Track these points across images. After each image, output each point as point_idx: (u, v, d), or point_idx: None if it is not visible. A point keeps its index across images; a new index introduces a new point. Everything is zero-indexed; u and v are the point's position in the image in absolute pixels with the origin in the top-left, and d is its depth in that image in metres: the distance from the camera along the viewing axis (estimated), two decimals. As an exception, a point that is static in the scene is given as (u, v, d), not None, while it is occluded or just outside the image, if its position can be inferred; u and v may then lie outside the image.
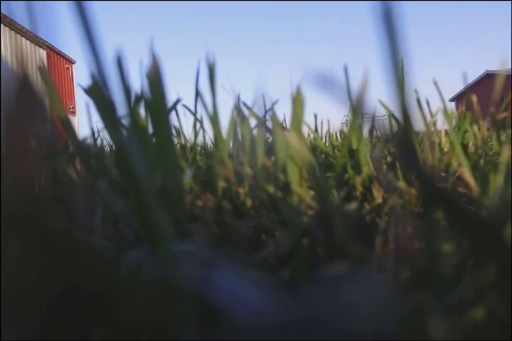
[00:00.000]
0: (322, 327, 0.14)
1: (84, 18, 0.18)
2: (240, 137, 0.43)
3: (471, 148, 0.59)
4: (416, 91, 0.62)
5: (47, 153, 0.25)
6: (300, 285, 0.20)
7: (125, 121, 0.33)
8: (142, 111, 0.35)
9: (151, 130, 0.32)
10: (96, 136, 0.62)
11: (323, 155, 0.61)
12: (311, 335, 0.12)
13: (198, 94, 0.51)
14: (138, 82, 0.38)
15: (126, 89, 0.29)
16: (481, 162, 0.52)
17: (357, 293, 0.17)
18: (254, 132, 0.44)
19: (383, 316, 0.17)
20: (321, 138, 0.78)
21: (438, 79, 0.67)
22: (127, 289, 0.11)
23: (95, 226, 0.33)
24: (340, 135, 0.79)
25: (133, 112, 0.31)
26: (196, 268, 0.10)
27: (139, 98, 0.35)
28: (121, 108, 0.28)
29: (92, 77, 0.41)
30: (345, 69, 0.51)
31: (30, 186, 0.12)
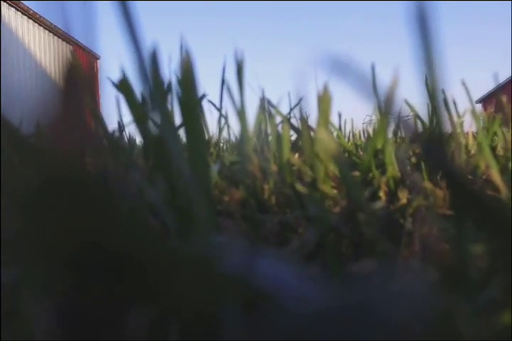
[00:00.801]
0: (356, 322, 0.14)
1: (128, 16, 0.19)
2: (265, 133, 0.43)
3: (500, 150, 0.57)
4: (443, 92, 0.61)
5: (87, 146, 0.26)
6: (330, 281, 0.20)
7: (156, 115, 0.34)
8: (171, 105, 0.35)
9: (180, 124, 0.32)
10: (122, 130, 0.63)
11: (347, 154, 0.61)
12: (344, 327, 0.12)
13: (223, 90, 0.52)
14: (166, 78, 0.39)
15: (160, 84, 0.30)
16: (510, 165, 0.51)
17: (385, 291, 0.17)
18: (279, 128, 0.44)
19: (413, 315, 0.17)
20: (345, 137, 0.78)
21: (465, 80, 0.66)
22: (171, 270, 0.11)
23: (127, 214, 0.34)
24: (364, 134, 0.78)
25: (164, 106, 0.32)
26: (237, 255, 0.11)
27: (169, 92, 0.36)
28: (153, 102, 0.29)
29: (122, 71, 0.42)
30: (372, 67, 0.51)
31: (80, 177, 0.13)
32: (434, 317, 0.18)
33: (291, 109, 0.54)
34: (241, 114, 0.39)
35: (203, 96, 0.52)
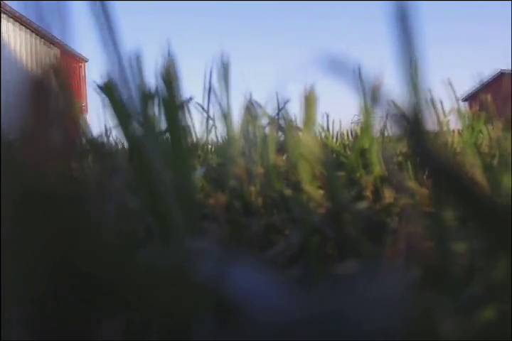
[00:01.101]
0: (335, 325, 0.14)
1: (106, 17, 0.19)
2: (251, 135, 0.43)
3: (485, 148, 0.58)
4: (429, 91, 0.62)
5: (63, 151, 0.25)
6: (312, 283, 0.20)
7: (139, 119, 0.33)
8: (156, 109, 0.35)
9: (164, 128, 0.32)
10: (108, 134, 0.63)
11: (334, 155, 0.61)
12: (324, 333, 0.12)
13: (209, 92, 0.52)
14: (151, 80, 0.39)
15: (143, 87, 0.30)
16: (495, 162, 0.52)
17: (369, 291, 0.17)
18: (266, 130, 0.44)
19: (395, 315, 0.17)
20: (332, 137, 0.78)
21: (450, 79, 0.66)
22: (142, 281, 0.11)
23: (108, 222, 0.34)
24: (351, 134, 0.79)
25: (147, 110, 0.31)
26: (212, 262, 0.11)
27: (153, 95, 0.36)
28: (136, 105, 0.29)
29: (108, 74, 0.41)
30: (359, 66, 0.51)
31: (52, 183, 0.13)
32: (416, 316, 0.18)
33: (278, 110, 0.54)
34: (227, 116, 0.39)
35: (190, 98, 0.51)
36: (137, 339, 0.11)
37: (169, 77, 0.29)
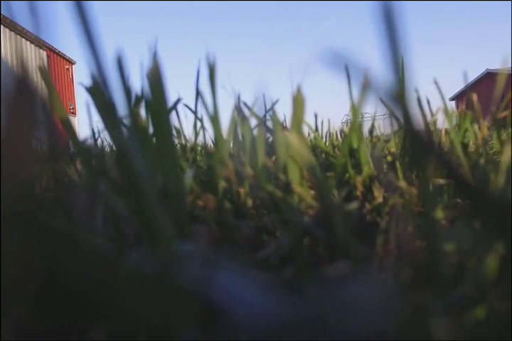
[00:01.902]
0: (324, 327, 0.14)
1: (84, 19, 0.18)
2: (240, 137, 0.43)
3: (472, 147, 0.59)
4: (416, 90, 0.62)
5: (47, 154, 0.25)
6: (302, 285, 0.20)
7: (126, 121, 0.33)
8: (143, 111, 0.35)
9: (151, 130, 0.32)
10: (96, 136, 0.62)
11: (324, 155, 0.61)
12: (313, 335, 0.12)
13: (198, 93, 0.52)
14: (138, 83, 0.38)
15: (127, 90, 0.29)
16: (482, 161, 0.52)
17: (358, 293, 0.17)
18: (255, 132, 0.44)
19: (385, 315, 0.17)
20: (322, 137, 0.78)
21: (438, 78, 0.67)
22: (128, 288, 0.11)
23: (96, 226, 0.33)
24: (341, 134, 0.79)
25: (133, 112, 0.31)
26: (198, 268, 0.10)
27: (139, 98, 0.35)
28: (121, 108, 0.28)
29: (93, 77, 0.41)
30: (346, 66, 0.51)
31: (30, 186, 0.12)
32: (407, 316, 0.18)
33: (266, 112, 0.54)
34: (214, 118, 0.39)
35: (178, 100, 0.51)
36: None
37: (155, 79, 0.29)
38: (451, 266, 0.23)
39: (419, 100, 0.64)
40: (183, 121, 0.59)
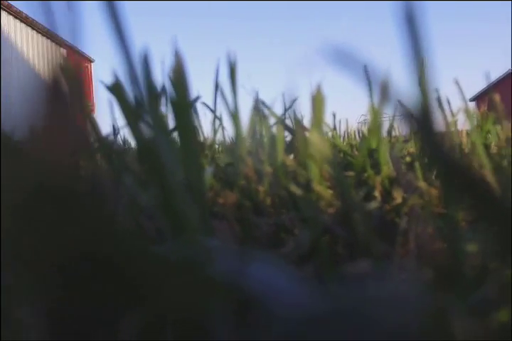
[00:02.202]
0: (347, 323, 0.14)
1: (115, 17, 0.19)
2: (259, 135, 0.43)
3: (494, 148, 0.58)
4: (437, 91, 0.61)
5: (74, 150, 0.26)
6: (324, 283, 0.20)
7: (148, 119, 0.34)
8: (164, 108, 0.35)
9: (172, 126, 0.32)
10: (116, 133, 0.63)
11: (342, 154, 0.61)
12: (338, 330, 0.12)
13: (217, 91, 0.52)
14: (160, 80, 0.39)
15: (151, 87, 0.30)
16: (504, 163, 0.51)
17: (380, 292, 0.17)
18: (274, 130, 0.44)
19: (407, 315, 0.17)
20: (339, 136, 0.78)
21: (458, 79, 0.66)
22: (159, 276, 0.11)
23: (120, 219, 0.34)
24: (358, 134, 0.79)
25: (156, 109, 0.32)
26: (228, 258, 0.11)
27: (161, 95, 0.36)
28: (144, 105, 0.29)
29: (115, 74, 0.41)
30: (365, 66, 0.51)
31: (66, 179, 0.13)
32: (428, 317, 0.18)
33: (285, 110, 0.54)
34: (234, 116, 0.39)
35: (197, 98, 0.52)
36: (153, 339, 0.11)
37: (178, 77, 0.29)
38: (473, 267, 0.23)
39: (439, 100, 0.63)
40: (202, 119, 0.59)
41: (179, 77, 0.29)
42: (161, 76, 0.39)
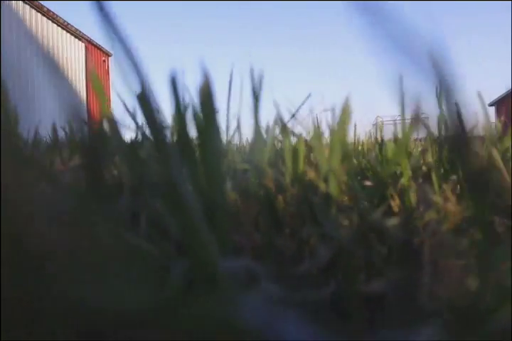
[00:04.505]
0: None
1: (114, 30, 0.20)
2: (279, 146, 0.44)
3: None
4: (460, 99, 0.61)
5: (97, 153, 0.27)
6: (343, 305, 0.21)
7: (171, 131, 0.35)
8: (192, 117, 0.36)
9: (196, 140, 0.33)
10: (140, 138, 0.64)
11: (357, 162, 0.61)
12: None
13: (233, 100, 0.53)
14: (186, 94, 0.39)
15: (178, 103, 0.31)
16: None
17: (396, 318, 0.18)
18: (294, 141, 0.45)
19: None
20: (356, 142, 0.78)
21: (476, 83, 0.65)
22: (176, 304, 0.12)
23: (140, 229, 0.35)
24: (376, 141, 0.78)
25: (181, 123, 0.32)
26: (257, 308, 0.11)
27: (186, 109, 0.37)
28: (169, 118, 0.30)
29: (142, 82, 0.42)
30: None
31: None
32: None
33: (308, 121, 0.54)
34: (256, 128, 0.40)
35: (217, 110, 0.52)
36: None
37: (205, 93, 0.30)
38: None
39: (457, 106, 0.62)
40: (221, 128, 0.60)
41: (206, 96, 0.30)
42: (187, 89, 0.40)
